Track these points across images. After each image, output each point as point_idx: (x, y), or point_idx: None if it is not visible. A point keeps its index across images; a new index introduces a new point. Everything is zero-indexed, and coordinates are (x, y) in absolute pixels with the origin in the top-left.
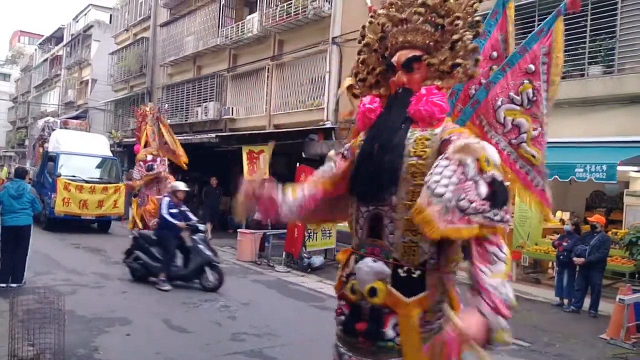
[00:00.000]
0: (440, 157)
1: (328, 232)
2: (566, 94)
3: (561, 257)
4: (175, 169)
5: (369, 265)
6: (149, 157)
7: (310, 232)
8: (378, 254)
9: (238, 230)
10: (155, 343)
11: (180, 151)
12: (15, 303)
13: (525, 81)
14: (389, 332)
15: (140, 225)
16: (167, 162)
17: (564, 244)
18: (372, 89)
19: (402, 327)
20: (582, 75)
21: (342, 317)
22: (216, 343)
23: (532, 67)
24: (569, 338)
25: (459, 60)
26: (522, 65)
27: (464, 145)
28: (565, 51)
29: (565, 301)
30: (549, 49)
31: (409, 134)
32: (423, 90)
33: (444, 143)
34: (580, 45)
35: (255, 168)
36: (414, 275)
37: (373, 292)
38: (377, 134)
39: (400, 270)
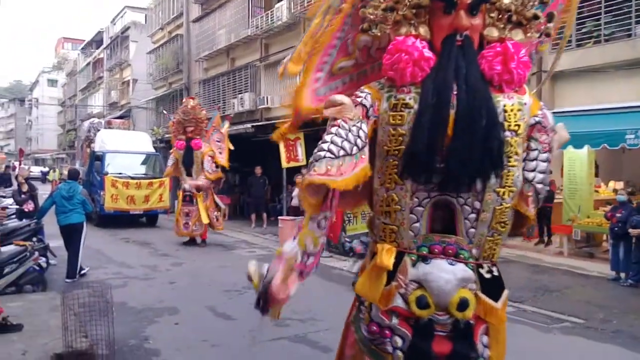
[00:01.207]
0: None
1: (368, 215)
2: (612, 57)
3: (615, 229)
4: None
5: (448, 270)
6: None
7: (350, 216)
8: (453, 253)
9: (279, 217)
10: (202, 330)
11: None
12: (67, 297)
13: None
14: (480, 347)
15: (206, 220)
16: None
17: (618, 215)
18: (400, 26)
19: (494, 335)
20: (629, 35)
21: (399, 340)
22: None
23: None
24: (627, 313)
25: (539, 12)
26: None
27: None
28: (610, 11)
29: (622, 275)
30: None
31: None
32: (510, 46)
33: (537, 126)
34: (626, 4)
35: (292, 155)
36: (495, 274)
37: (464, 304)
38: (445, 95)
39: (482, 271)
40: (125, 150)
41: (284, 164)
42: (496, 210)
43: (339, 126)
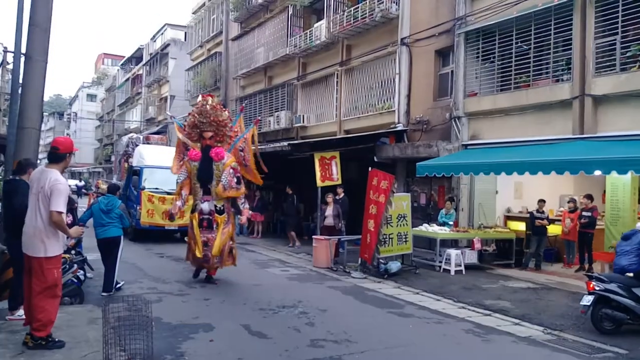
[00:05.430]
0: None
1: (404, 237)
2: None
3: None
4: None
5: None
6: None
7: (386, 238)
8: None
9: (313, 236)
10: (237, 348)
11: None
12: (107, 311)
13: None
14: None
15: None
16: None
17: None
18: None
19: None
20: None
21: None
22: (295, 349)
23: None
24: None
25: None
26: None
27: None
28: None
29: None
30: None
31: None
32: None
33: None
34: None
35: (327, 174)
36: None
37: None
38: None
39: None
40: (162, 166)
41: (319, 182)
42: None
43: None
